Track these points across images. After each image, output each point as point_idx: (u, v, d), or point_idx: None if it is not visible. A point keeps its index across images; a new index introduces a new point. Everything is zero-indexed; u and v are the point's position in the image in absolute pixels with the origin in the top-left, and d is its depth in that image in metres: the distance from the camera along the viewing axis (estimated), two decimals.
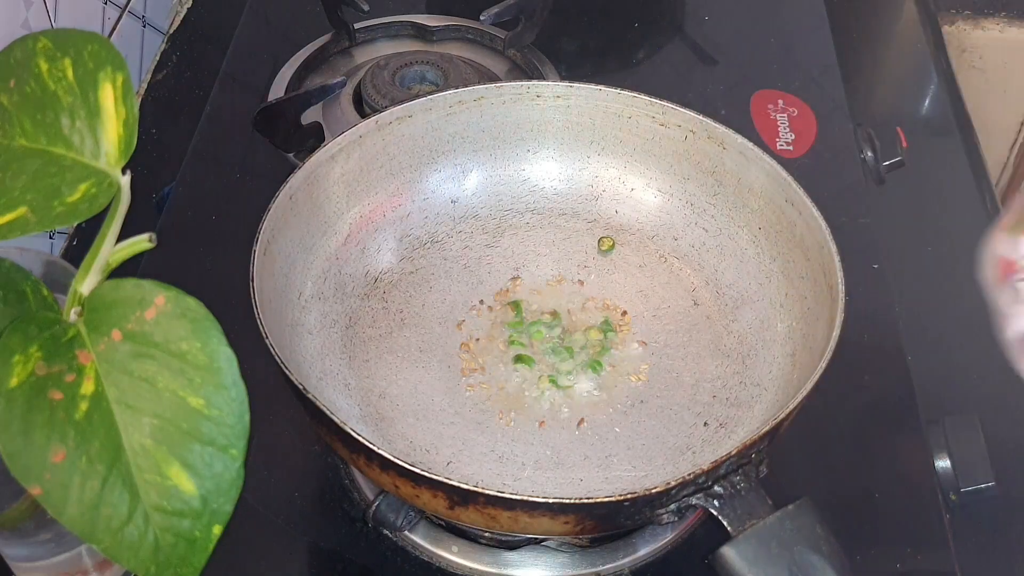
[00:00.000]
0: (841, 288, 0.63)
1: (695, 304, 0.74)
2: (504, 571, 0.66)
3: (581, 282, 0.76)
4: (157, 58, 1.03)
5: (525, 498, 0.55)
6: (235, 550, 0.51)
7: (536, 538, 0.66)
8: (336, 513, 0.69)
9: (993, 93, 1.24)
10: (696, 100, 0.76)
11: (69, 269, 0.55)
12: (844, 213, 0.82)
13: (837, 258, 0.64)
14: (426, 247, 0.77)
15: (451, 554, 0.67)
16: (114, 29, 0.96)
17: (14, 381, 0.43)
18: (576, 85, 0.77)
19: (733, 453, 0.56)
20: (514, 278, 0.76)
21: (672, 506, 0.56)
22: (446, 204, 0.79)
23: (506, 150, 0.79)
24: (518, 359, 0.70)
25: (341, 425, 0.56)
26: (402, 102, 0.75)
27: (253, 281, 0.62)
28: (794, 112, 0.95)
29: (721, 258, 0.75)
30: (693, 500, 0.56)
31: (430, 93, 0.76)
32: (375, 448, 0.56)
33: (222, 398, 0.44)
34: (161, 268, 0.74)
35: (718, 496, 0.56)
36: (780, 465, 0.58)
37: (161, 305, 0.45)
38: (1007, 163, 1.28)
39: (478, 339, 0.72)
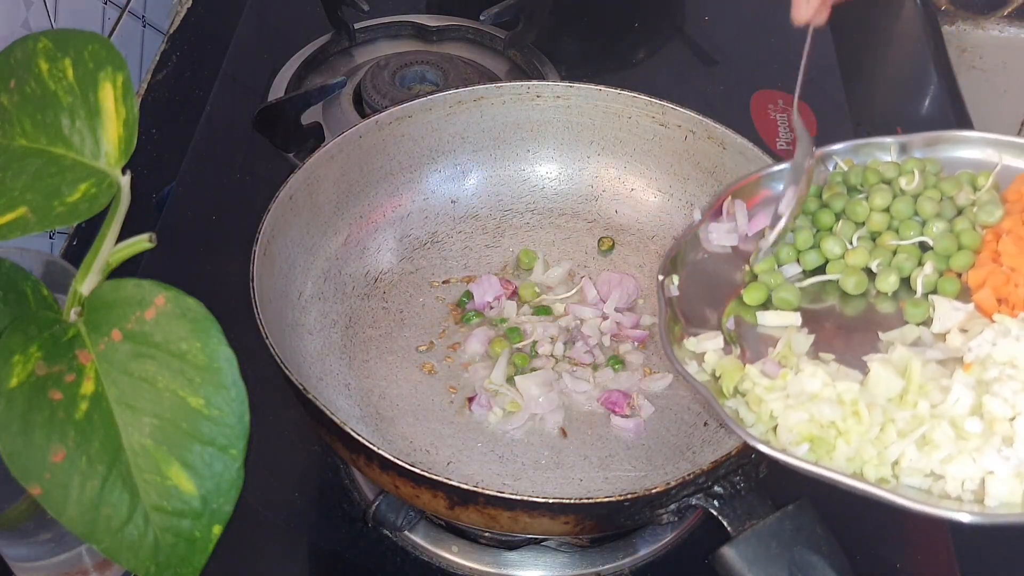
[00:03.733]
0: None
1: None
2: (504, 571, 0.66)
3: (581, 281, 0.76)
4: (157, 58, 1.03)
5: (525, 498, 0.55)
6: (235, 550, 0.51)
7: (536, 538, 0.66)
8: (336, 513, 0.69)
9: (993, 93, 1.24)
10: (696, 100, 0.76)
11: (69, 269, 0.55)
12: None
13: None
14: (426, 247, 0.77)
15: (451, 554, 0.67)
16: (114, 29, 0.96)
17: (14, 381, 0.43)
18: (576, 85, 0.77)
19: (733, 453, 0.56)
20: (514, 278, 0.76)
21: (672, 506, 0.56)
22: (446, 204, 0.79)
23: (506, 150, 0.79)
24: (518, 359, 0.70)
25: (341, 425, 0.56)
26: (402, 102, 0.75)
27: (253, 281, 0.62)
28: None
29: None
30: (693, 500, 0.56)
31: (430, 93, 0.76)
32: (375, 448, 0.56)
33: (222, 398, 0.44)
34: (161, 268, 0.74)
35: (718, 496, 0.56)
36: (780, 465, 0.58)
37: (161, 305, 0.45)
38: None
39: (473, 346, 0.72)
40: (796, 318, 0.60)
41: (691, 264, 0.63)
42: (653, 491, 0.55)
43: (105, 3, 0.93)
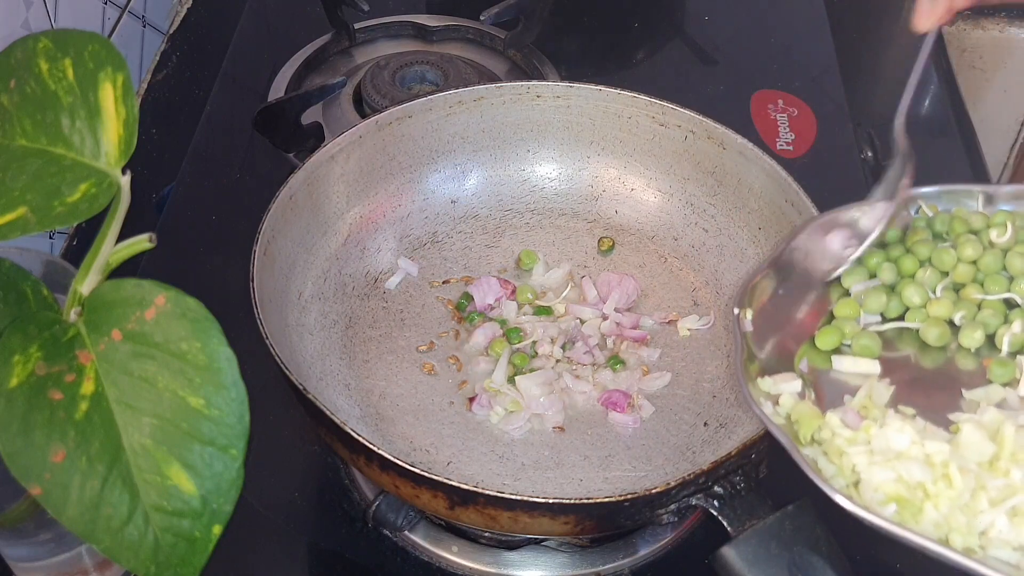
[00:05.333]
0: None
1: (695, 304, 0.74)
2: (504, 571, 0.66)
3: (581, 281, 0.76)
4: (157, 58, 1.03)
5: (525, 498, 0.55)
6: (235, 550, 0.51)
7: (536, 538, 0.66)
8: (336, 513, 0.69)
9: (993, 93, 1.24)
10: (696, 100, 0.76)
11: (69, 269, 0.55)
12: None
13: None
14: (426, 247, 0.77)
15: (451, 554, 0.67)
16: (114, 29, 0.96)
17: (14, 381, 0.43)
18: (576, 85, 0.77)
19: (733, 453, 0.56)
20: (514, 278, 0.76)
21: (672, 506, 0.56)
22: (446, 204, 0.79)
23: (506, 150, 0.79)
24: (518, 360, 0.70)
25: (341, 425, 0.56)
26: (402, 102, 0.75)
27: (253, 281, 0.62)
28: (794, 112, 0.95)
29: (721, 258, 0.75)
30: (693, 500, 0.56)
31: (430, 93, 0.76)
32: (375, 448, 0.56)
33: (222, 398, 0.44)
34: (161, 268, 0.74)
35: (718, 496, 0.56)
36: (780, 465, 0.58)
37: (161, 305, 0.45)
38: (1007, 163, 1.28)
39: (478, 340, 0.72)
40: (875, 366, 0.57)
41: (763, 299, 0.60)
42: (653, 491, 0.55)
43: (105, 3, 0.93)
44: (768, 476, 0.57)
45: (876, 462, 0.50)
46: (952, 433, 0.52)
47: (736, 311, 0.58)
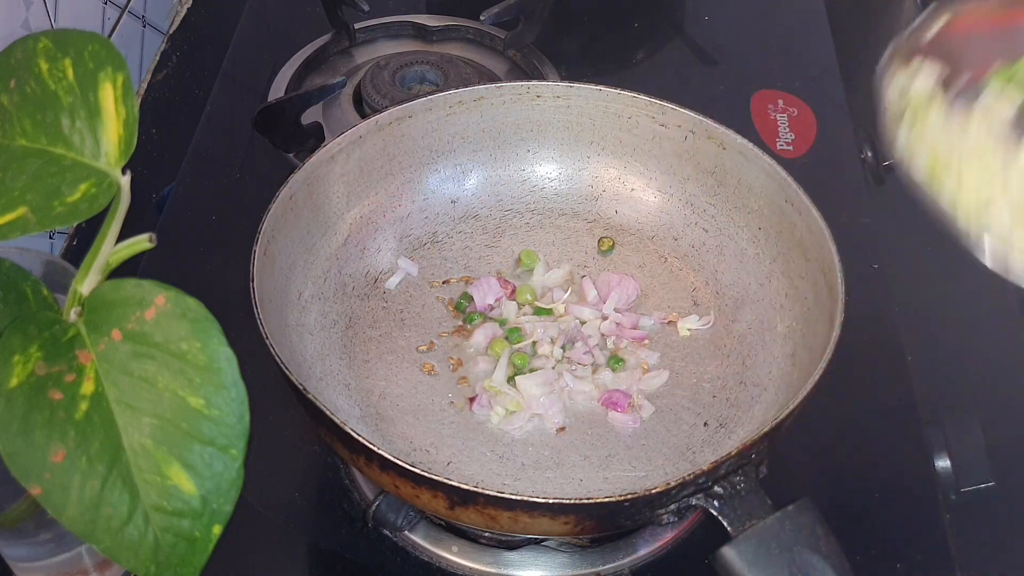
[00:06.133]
0: (841, 288, 0.63)
1: (695, 304, 0.75)
2: (504, 571, 0.66)
3: (581, 281, 0.76)
4: (157, 58, 1.03)
5: (525, 498, 0.55)
6: (235, 550, 0.51)
7: (536, 538, 0.66)
8: (336, 513, 0.69)
9: None
10: (696, 100, 0.76)
11: (69, 269, 0.55)
12: (844, 213, 0.82)
13: (837, 258, 0.64)
14: (426, 247, 0.77)
15: (451, 554, 0.67)
16: (114, 29, 0.96)
17: (14, 381, 0.43)
18: (576, 85, 0.77)
19: (733, 453, 0.56)
20: (514, 278, 0.76)
21: (672, 506, 0.56)
22: (446, 204, 0.79)
23: (506, 150, 0.79)
24: (518, 360, 0.70)
25: (341, 425, 0.56)
26: (402, 102, 0.75)
27: (253, 281, 0.62)
28: (794, 112, 0.95)
29: (721, 258, 0.75)
30: (693, 500, 0.56)
31: (430, 93, 0.76)
32: (375, 448, 0.56)
33: (222, 398, 0.44)
34: (161, 268, 0.74)
35: (718, 496, 0.56)
36: (780, 465, 0.58)
37: (161, 305, 0.45)
38: None
39: (478, 339, 0.72)
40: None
41: (959, 20, 0.60)
42: (653, 491, 0.55)
43: (105, 3, 0.93)
44: (768, 476, 0.57)
45: (944, 141, 0.51)
46: None
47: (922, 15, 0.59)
